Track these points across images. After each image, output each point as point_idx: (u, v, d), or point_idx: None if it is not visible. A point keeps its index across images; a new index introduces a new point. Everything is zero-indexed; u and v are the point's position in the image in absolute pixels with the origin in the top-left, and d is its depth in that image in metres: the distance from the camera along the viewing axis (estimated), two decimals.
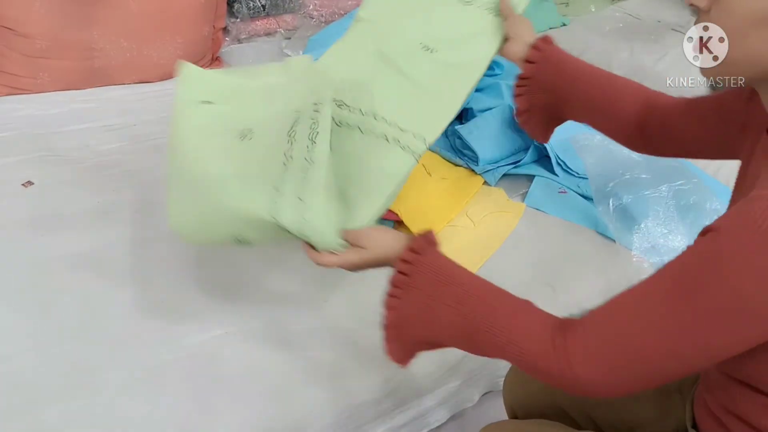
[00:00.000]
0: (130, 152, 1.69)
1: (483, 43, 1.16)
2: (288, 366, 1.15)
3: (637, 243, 1.47)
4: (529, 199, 1.62)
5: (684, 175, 1.60)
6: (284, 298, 1.29)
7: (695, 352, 0.66)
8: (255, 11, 2.28)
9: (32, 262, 1.31)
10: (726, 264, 0.62)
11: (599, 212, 1.54)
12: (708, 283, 0.63)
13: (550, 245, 1.49)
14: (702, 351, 0.66)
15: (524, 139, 1.75)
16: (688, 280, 0.65)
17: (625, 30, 2.76)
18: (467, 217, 1.53)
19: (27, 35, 1.81)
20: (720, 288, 0.62)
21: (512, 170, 1.70)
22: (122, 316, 1.22)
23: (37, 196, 1.50)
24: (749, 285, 0.60)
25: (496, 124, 1.75)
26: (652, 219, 1.50)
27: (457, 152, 1.76)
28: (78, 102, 1.87)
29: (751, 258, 0.60)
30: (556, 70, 1.07)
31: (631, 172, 1.59)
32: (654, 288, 0.69)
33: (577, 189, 1.65)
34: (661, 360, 0.67)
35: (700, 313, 0.64)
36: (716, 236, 0.63)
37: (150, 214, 1.47)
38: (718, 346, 0.65)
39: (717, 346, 0.65)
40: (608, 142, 1.66)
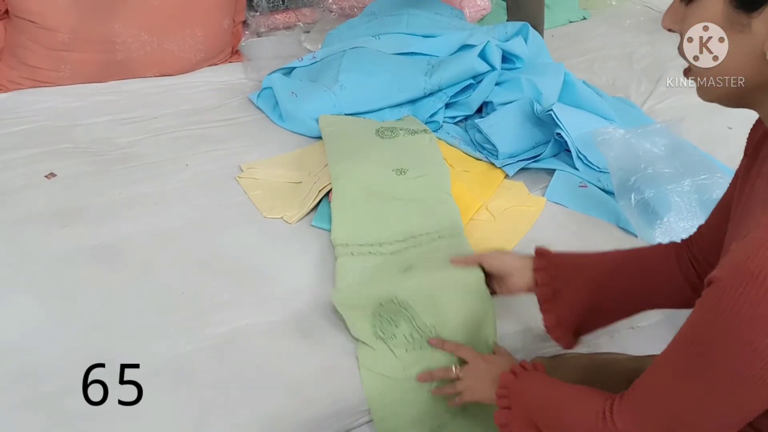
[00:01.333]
0: (150, 145, 1.70)
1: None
2: (308, 359, 1.15)
3: (659, 238, 1.45)
4: (549, 193, 1.61)
5: (708, 170, 1.58)
6: (305, 291, 1.29)
7: (730, 410, 0.67)
8: (274, 4, 2.29)
9: (55, 254, 1.33)
10: (732, 318, 0.62)
11: (621, 207, 1.52)
12: (720, 340, 0.64)
13: (571, 239, 1.47)
14: (736, 408, 0.67)
15: (544, 132, 1.74)
16: (703, 341, 0.66)
17: (646, 23, 2.73)
18: (488, 210, 1.52)
19: (50, 28, 1.83)
20: (734, 343, 0.63)
21: (533, 164, 1.69)
22: (143, 308, 1.22)
23: (60, 188, 1.51)
24: (761, 336, 0.61)
25: (516, 117, 1.74)
26: (674, 214, 1.48)
27: (477, 146, 1.75)
28: (100, 95, 1.89)
29: (756, 309, 0.61)
30: (564, 263, 1.08)
31: (653, 167, 1.57)
32: (673, 356, 0.71)
33: (598, 183, 1.64)
34: (702, 424, 0.69)
35: (722, 369, 0.64)
36: (718, 290, 0.64)
37: (171, 206, 1.48)
38: (750, 398, 0.65)
39: (749, 399, 0.65)
40: (630, 136, 1.66)
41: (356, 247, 1.34)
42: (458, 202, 1.48)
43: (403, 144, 1.59)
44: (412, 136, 1.62)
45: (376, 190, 1.45)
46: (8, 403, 1.04)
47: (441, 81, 1.79)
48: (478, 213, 1.51)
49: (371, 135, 1.62)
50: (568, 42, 2.55)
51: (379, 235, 1.36)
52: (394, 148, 1.57)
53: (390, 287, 1.19)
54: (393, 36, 1.98)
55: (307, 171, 1.59)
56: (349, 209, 1.41)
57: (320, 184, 1.50)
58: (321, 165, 1.58)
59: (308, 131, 1.77)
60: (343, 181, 1.46)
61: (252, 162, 1.64)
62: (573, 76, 1.92)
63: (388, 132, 1.62)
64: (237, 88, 2.01)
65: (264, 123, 1.84)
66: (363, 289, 1.23)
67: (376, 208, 1.42)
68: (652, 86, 2.22)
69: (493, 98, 1.83)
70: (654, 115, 2.04)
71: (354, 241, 1.35)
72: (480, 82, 1.83)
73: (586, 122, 1.75)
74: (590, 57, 2.42)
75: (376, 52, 1.89)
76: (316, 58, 1.97)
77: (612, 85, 2.24)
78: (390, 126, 1.66)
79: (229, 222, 1.45)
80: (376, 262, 1.30)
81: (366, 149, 1.56)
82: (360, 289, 1.24)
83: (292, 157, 1.67)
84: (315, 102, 1.80)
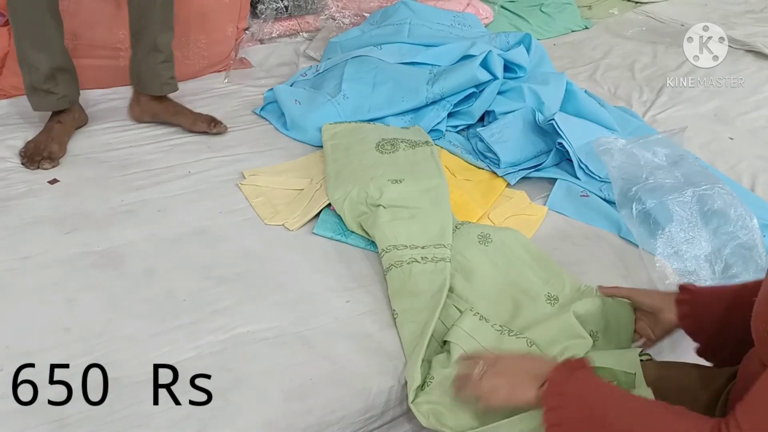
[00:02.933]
0: (153, 151, 1.70)
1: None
2: (309, 366, 1.16)
3: (660, 248, 1.45)
4: (551, 202, 1.62)
5: (709, 180, 1.58)
6: (306, 298, 1.29)
7: None
8: (278, 12, 2.29)
9: (57, 260, 1.33)
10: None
11: (622, 216, 1.52)
12: None
13: (572, 249, 1.48)
14: None
15: (546, 142, 1.74)
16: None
17: (648, 33, 2.74)
18: (489, 219, 1.53)
19: None
20: None
21: (534, 173, 1.69)
22: (145, 314, 1.23)
23: (63, 194, 1.51)
24: None
25: (517, 126, 1.75)
26: (675, 224, 1.48)
27: (479, 155, 1.76)
28: (104, 101, 1.89)
29: None
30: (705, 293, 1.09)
31: (654, 177, 1.58)
32: None
33: (599, 193, 1.65)
34: None
35: None
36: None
37: (173, 213, 1.48)
38: None
39: None
40: (631, 145, 1.66)
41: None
42: (460, 210, 1.49)
43: (403, 158, 1.59)
44: (413, 149, 1.62)
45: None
46: (9, 408, 1.04)
47: (443, 90, 1.79)
48: (479, 221, 1.51)
49: (371, 150, 1.61)
50: (571, 51, 2.57)
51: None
52: (394, 164, 1.56)
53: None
54: (395, 45, 1.99)
55: (309, 178, 1.60)
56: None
57: (322, 192, 1.51)
58: (323, 173, 1.58)
59: (313, 140, 1.78)
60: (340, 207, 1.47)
61: (254, 169, 1.64)
62: (575, 86, 1.93)
63: (389, 146, 1.61)
64: (240, 95, 2.01)
65: (267, 131, 1.85)
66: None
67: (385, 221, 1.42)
68: (653, 96, 2.23)
69: (495, 107, 1.84)
70: (656, 125, 2.04)
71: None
72: (482, 91, 1.84)
73: (588, 131, 1.76)
74: (592, 66, 2.43)
75: (378, 61, 1.90)
76: (319, 70, 1.98)
77: (614, 95, 2.25)
78: (392, 138, 1.65)
79: (230, 229, 1.45)
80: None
81: (362, 172, 1.53)
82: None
83: (294, 164, 1.68)
84: (319, 111, 1.80)
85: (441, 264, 1.31)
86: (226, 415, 1.07)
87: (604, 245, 1.49)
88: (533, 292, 1.30)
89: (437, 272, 1.30)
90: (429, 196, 1.46)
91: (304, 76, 2.00)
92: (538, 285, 1.32)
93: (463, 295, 1.27)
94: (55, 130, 1.65)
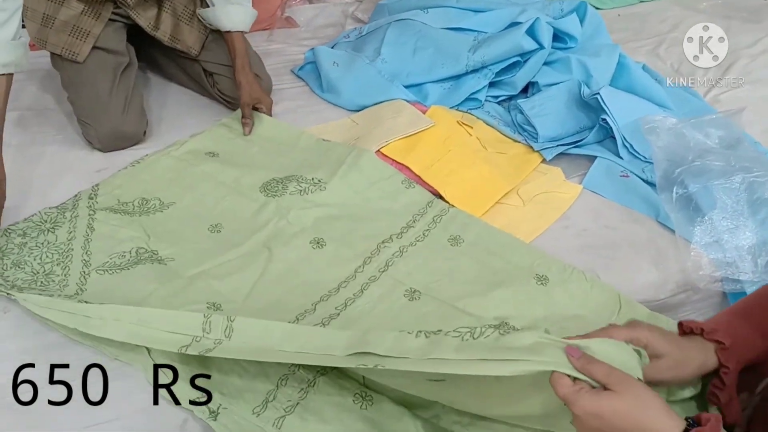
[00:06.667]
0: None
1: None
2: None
3: (698, 236, 1.35)
4: (587, 181, 1.53)
5: (763, 167, 1.47)
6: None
7: None
8: None
9: None
10: None
11: (661, 200, 1.43)
12: None
13: (603, 232, 1.40)
14: None
15: (590, 117, 1.65)
16: None
17: (725, 6, 2.55)
18: (518, 195, 1.46)
19: None
20: None
21: (573, 149, 1.61)
22: None
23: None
24: None
25: (561, 100, 1.67)
26: (718, 212, 1.38)
27: (518, 127, 1.68)
28: None
29: None
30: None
31: (702, 159, 1.47)
32: None
33: (641, 174, 1.55)
34: None
35: None
36: None
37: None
38: None
39: None
40: (682, 125, 1.55)
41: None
42: (483, 186, 1.43)
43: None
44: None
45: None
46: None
47: (485, 58, 1.72)
48: (507, 197, 1.45)
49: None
50: (636, 22, 2.42)
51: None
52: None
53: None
54: (442, 10, 1.92)
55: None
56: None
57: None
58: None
59: (347, 104, 1.75)
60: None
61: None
62: (630, 59, 1.82)
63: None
64: (282, 54, 2.00)
65: (303, 92, 1.83)
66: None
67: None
68: (720, 74, 2.08)
69: (539, 78, 1.75)
70: (717, 105, 1.90)
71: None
72: (527, 61, 1.75)
73: (637, 109, 1.65)
74: (657, 39, 2.28)
75: (422, 25, 1.84)
76: (363, 33, 1.94)
77: (676, 71, 2.10)
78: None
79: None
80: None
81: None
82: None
83: (322, 128, 1.66)
84: (356, 75, 1.76)
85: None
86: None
87: (637, 229, 1.40)
88: (522, 278, 1.23)
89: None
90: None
91: (347, 38, 1.96)
92: (525, 269, 1.25)
93: (452, 297, 1.18)
94: None
